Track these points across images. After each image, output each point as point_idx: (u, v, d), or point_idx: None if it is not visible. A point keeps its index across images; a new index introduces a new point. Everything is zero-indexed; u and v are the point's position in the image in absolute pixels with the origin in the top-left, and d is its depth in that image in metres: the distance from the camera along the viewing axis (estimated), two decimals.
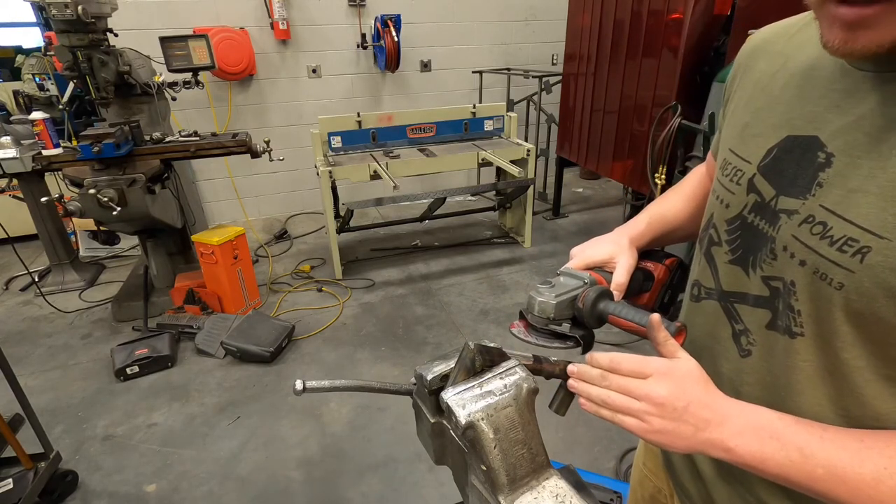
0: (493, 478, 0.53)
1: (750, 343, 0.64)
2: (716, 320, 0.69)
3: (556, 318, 0.68)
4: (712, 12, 2.75)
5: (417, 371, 0.60)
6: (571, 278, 0.72)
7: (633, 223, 0.84)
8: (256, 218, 4.85)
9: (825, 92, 0.56)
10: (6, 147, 3.07)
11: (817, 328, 0.54)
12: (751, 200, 0.63)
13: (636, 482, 1.01)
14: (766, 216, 0.60)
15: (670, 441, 0.55)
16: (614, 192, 5.29)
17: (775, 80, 0.64)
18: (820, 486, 0.50)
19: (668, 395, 0.55)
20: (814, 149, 0.55)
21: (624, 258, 0.76)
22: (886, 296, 0.48)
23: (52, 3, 2.43)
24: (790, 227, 0.56)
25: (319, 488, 2.01)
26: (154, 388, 2.59)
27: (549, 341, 0.70)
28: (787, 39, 0.66)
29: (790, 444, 0.51)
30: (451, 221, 4.59)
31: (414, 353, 2.82)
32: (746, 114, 0.67)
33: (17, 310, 3.39)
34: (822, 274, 0.52)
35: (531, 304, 0.69)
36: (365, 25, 4.48)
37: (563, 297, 0.67)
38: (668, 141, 2.78)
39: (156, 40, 2.98)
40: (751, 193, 0.63)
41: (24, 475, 1.81)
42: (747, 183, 0.63)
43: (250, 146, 3.08)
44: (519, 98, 4.84)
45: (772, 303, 0.60)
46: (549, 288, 0.69)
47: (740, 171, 0.65)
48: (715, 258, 0.69)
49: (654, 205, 0.89)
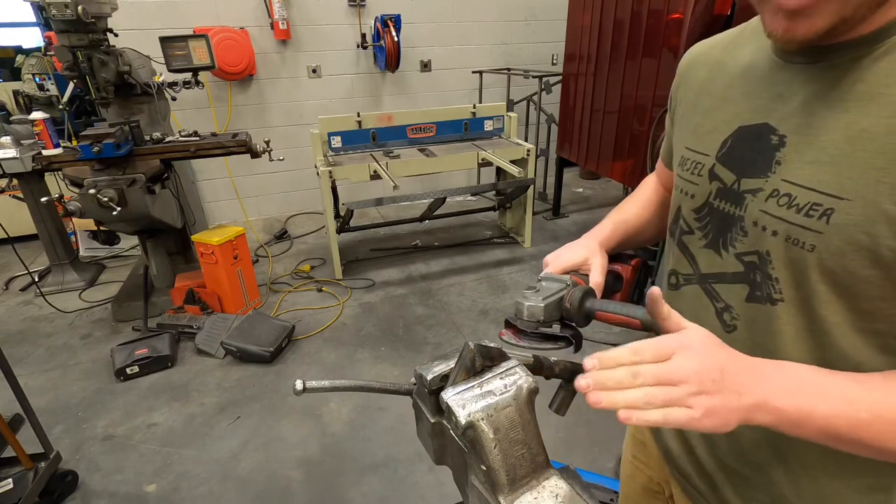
0: (493, 478, 0.53)
1: (733, 318, 0.67)
2: (698, 303, 0.73)
3: (545, 321, 0.70)
4: (712, 12, 2.75)
5: (417, 371, 0.60)
6: (554, 282, 0.74)
7: (598, 229, 0.90)
8: (256, 218, 4.85)
9: (767, 85, 0.63)
10: (6, 147, 3.07)
11: (795, 292, 0.59)
12: (714, 188, 0.68)
13: (627, 476, 1.02)
14: (731, 199, 0.65)
15: (723, 419, 0.49)
16: (614, 192, 5.29)
17: (717, 83, 0.71)
18: (865, 433, 0.50)
19: (701, 368, 0.49)
20: (766, 133, 0.61)
21: (597, 259, 0.80)
22: (854, 251, 0.52)
23: (52, 3, 2.43)
24: (757, 204, 0.61)
25: (319, 488, 2.01)
26: (154, 388, 2.59)
27: (540, 344, 0.71)
28: (722, 49, 0.73)
29: (832, 393, 0.52)
30: (451, 221, 4.60)
31: (414, 353, 2.82)
32: (695, 116, 0.74)
33: (17, 310, 3.39)
34: (795, 239, 0.57)
35: (520, 309, 0.70)
36: (365, 25, 4.48)
37: (550, 300, 0.70)
38: None
39: (156, 40, 2.98)
40: (713, 181, 0.68)
41: (24, 475, 1.81)
42: (708, 173, 0.69)
43: (250, 146, 3.09)
44: (519, 98, 4.84)
45: (748, 276, 0.64)
46: (535, 293, 0.71)
47: (700, 164, 0.70)
48: (689, 246, 0.74)
49: (614, 213, 0.95)
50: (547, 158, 4.83)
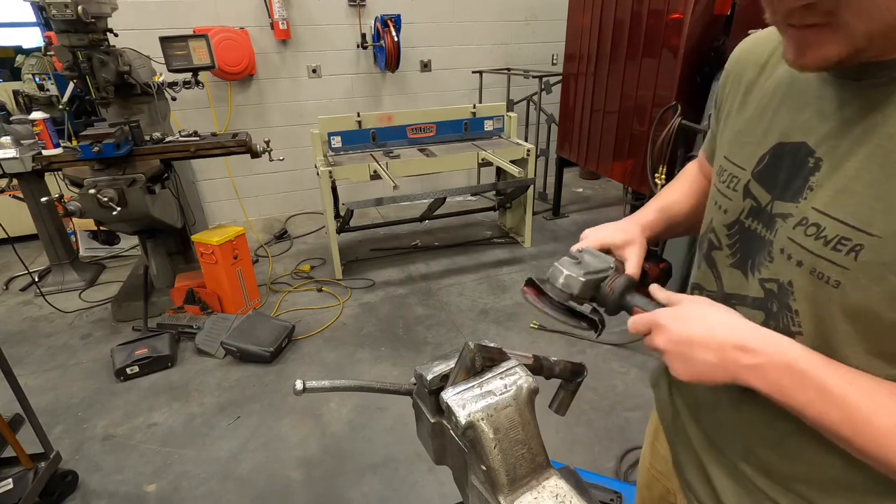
0: (493, 478, 0.53)
1: None
2: None
3: (577, 296, 0.66)
4: (712, 12, 2.75)
5: (417, 371, 0.60)
6: (597, 260, 0.69)
7: (641, 214, 0.84)
8: (256, 218, 4.85)
9: (811, 99, 0.58)
10: (6, 147, 3.07)
11: (816, 327, 0.55)
12: (747, 206, 0.65)
13: (643, 484, 1.00)
14: (764, 220, 0.62)
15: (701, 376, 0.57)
16: (614, 192, 5.29)
17: (762, 90, 0.67)
18: (833, 428, 0.50)
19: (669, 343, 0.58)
20: (803, 154, 0.57)
21: (635, 249, 0.76)
22: (881, 292, 0.49)
23: (52, 3, 2.43)
24: (786, 230, 0.58)
25: (319, 488, 2.01)
26: (154, 388, 2.59)
27: (561, 315, 0.69)
28: (771, 51, 0.68)
29: (811, 382, 0.51)
30: (451, 221, 4.59)
31: (414, 353, 2.82)
32: (738, 121, 0.69)
33: (17, 310, 3.39)
34: (820, 273, 0.53)
35: (555, 275, 0.66)
36: (365, 25, 4.48)
37: (590, 278, 0.66)
38: (668, 141, 2.78)
39: (156, 40, 2.98)
40: (747, 199, 0.65)
41: (24, 475, 1.81)
42: (743, 189, 0.65)
43: (250, 146, 3.08)
44: (519, 98, 4.84)
45: (765, 304, 0.61)
46: (576, 264, 0.67)
47: (736, 178, 0.67)
48: (717, 262, 0.71)
49: (656, 200, 0.90)
50: (547, 158, 4.83)
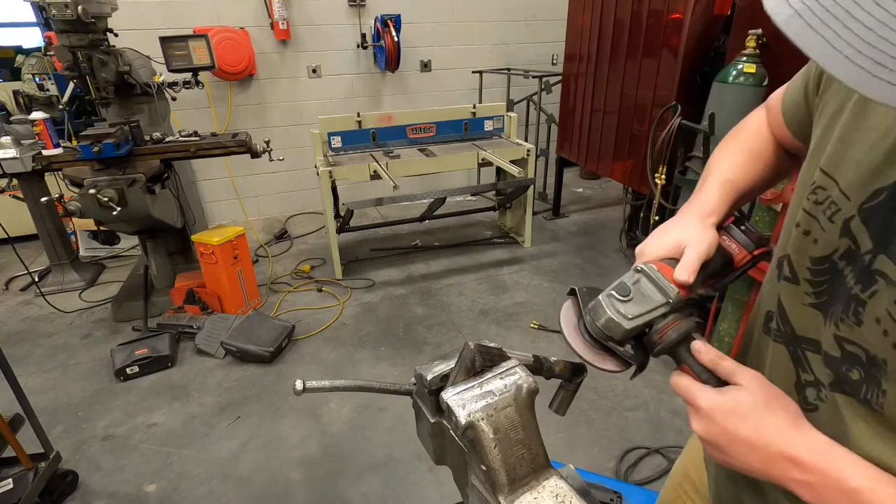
0: (493, 478, 0.53)
1: (820, 398, 0.55)
2: (776, 363, 0.61)
3: (618, 341, 0.58)
4: (712, 12, 2.75)
5: (417, 371, 0.60)
6: (654, 290, 0.58)
7: (702, 199, 0.68)
8: (256, 218, 4.85)
9: None
10: (6, 147, 3.07)
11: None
12: (843, 245, 0.52)
13: (668, 501, 0.97)
14: (858, 271, 0.50)
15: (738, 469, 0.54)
16: (614, 192, 5.29)
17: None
18: None
19: (707, 434, 0.54)
20: None
21: (692, 249, 0.61)
22: None
23: (52, 3, 2.43)
24: (886, 299, 0.46)
25: (319, 488, 2.01)
26: (154, 388, 2.59)
27: (599, 358, 0.60)
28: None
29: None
30: (451, 221, 4.59)
31: (414, 353, 2.82)
32: (852, 126, 0.52)
33: (17, 310, 3.39)
34: None
35: (597, 313, 0.57)
36: (365, 25, 4.48)
37: (638, 322, 0.56)
38: (669, 141, 2.78)
39: (156, 40, 2.98)
40: (844, 237, 0.52)
41: (24, 475, 1.81)
42: (843, 223, 0.52)
43: (250, 146, 3.09)
44: (519, 98, 4.84)
45: (840, 366, 0.52)
46: (625, 302, 0.56)
47: (836, 206, 0.53)
48: (784, 295, 0.60)
49: (716, 167, 0.72)
50: (547, 158, 4.83)
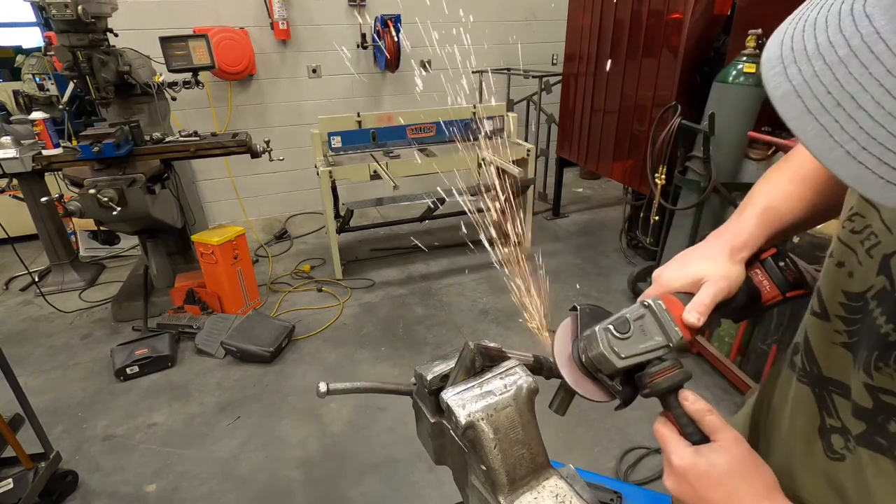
0: (493, 478, 0.53)
1: (847, 448, 0.51)
2: (800, 406, 0.57)
3: (609, 376, 0.57)
4: (712, 12, 2.75)
5: (417, 371, 0.60)
6: (657, 329, 0.55)
7: (737, 228, 0.61)
8: (256, 218, 4.85)
9: None
10: (6, 147, 3.07)
11: None
12: (880, 283, 0.47)
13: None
14: (890, 312, 0.45)
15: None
16: (614, 192, 5.28)
17: None
18: None
19: (677, 492, 0.52)
20: None
21: (710, 288, 0.56)
22: None
23: (52, 3, 2.43)
24: None
25: (319, 488, 2.01)
26: (154, 388, 2.59)
27: (584, 385, 0.59)
28: None
29: None
30: (451, 221, 4.59)
31: (414, 353, 2.82)
32: None
33: (17, 310, 3.38)
34: None
35: (591, 344, 0.56)
36: (365, 25, 4.48)
37: (630, 362, 0.54)
38: (669, 141, 2.78)
39: (156, 40, 2.98)
40: (881, 275, 0.46)
41: (24, 475, 1.81)
42: (881, 259, 0.47)
43: (250, 146, 3.09)
44: (519, 98, 4.84)
45: (875, 418, 0.47)
46: (622, 339, 0.54)
47: (875, 237, 0.47)
48: (817, 333, 0.55)
49: (760, 193, 0.64)
50: (547, 158, 4.83)
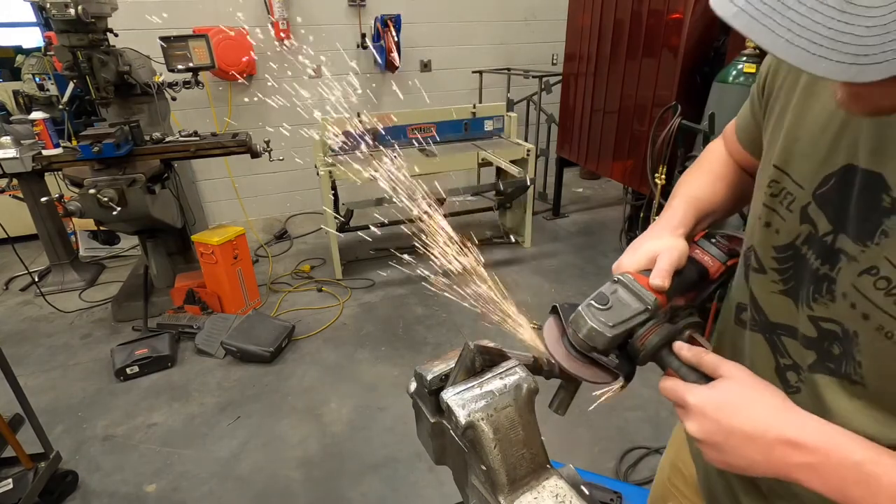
0: (493, 478, 0.53)
1: (800, 380, 0.58)
2: (756, 352, 0.64)
3: (602, 350, 0.58)
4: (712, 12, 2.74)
5: (417, 371, 0.60)
6: (632, 298, 0.58)
7: (668, 215, 0.71)
8: (256, 218, 4.85)
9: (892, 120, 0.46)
10: (6, 147, 3.07)
11: (880, 382, 0.50)
12: (804, 231, 0.56)
13: (658, 496, 0.97)
14: (823, 253, 0.54)
15: (740, 469, 0.52)
16: (614, 192, 5.28)
17: (831, 92, 0.51)
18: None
19: (702, 432, 0.53)
20: (878, 189, 0.48)
21: (665, 256, 0.62)
22: None
23: (52, 3, 2.43)
24: (850, 274, 0.50)
25: (319, 488, 2.01)
26: (154, 388, 2.59)
27: (581, 366, 0.60)
28: None
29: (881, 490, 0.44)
30: (451, 221, 4.59)
31: (414, 353, 2.82)
32: (797, 126, 0.57)
33: (17, 310, 3.38)
34: (888, 332, 0.47)
35: (578, 324, 0.57)
36: (365, 25, 4.47)
37: (619, 329, 0.56)
38: (668, 141, 2.78)
39: (156, 40, 2.98)
40: (804, 223, 0.56)
41: (24, 475, 1.81)
42: (800, 211, 0.56)
43: (250, 146, 3.09)
44: (519, 98, 4.83)
45: (821, 345, 0.55)
46: (605, 310, 0.56)
47: (791, 196, 0.57)
48: (755, 287, 0.63)
49: (683, 189, 0.76)
50: (547, 158, 4.83)
